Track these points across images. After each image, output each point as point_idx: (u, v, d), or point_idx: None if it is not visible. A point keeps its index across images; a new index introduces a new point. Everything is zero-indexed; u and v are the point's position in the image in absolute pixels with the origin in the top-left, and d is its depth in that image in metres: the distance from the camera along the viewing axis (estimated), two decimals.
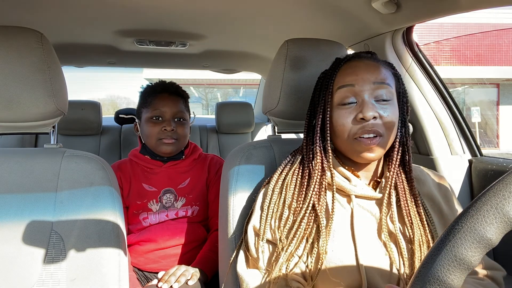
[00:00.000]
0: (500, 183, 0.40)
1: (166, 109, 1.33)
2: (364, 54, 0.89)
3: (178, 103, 1.36)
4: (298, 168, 0.88)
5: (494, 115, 11.80)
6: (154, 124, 1.32)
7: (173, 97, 1.36)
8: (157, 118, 1.33)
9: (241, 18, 1.41)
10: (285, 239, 0.80)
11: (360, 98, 0.81)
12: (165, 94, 1.35)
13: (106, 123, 2.57)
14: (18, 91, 0.90)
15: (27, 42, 0.91)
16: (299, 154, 0.90)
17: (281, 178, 0.88)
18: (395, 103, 0.83)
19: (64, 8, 1.29)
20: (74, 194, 0.95)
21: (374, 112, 0.78)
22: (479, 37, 10.47)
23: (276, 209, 0.85)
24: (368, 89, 0.81)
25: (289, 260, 0.80)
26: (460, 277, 0.39)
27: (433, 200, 0.90)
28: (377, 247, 0.81)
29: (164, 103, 1.33)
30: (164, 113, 1.33)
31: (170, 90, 1.37)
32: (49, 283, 0.89)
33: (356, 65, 0.84)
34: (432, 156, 1.45)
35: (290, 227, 0.82)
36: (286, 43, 1.11)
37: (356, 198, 0.84)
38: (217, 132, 2.63)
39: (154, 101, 1.33)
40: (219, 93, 13.73)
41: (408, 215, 0.82)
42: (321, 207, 0.81)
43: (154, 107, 1.32)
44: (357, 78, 0.82)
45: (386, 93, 0.81)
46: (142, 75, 11.63)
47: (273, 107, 1.13)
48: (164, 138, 1.31)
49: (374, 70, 0.82)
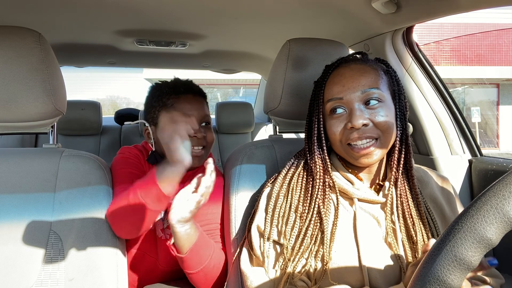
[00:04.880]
0: (500, 183, 0.39)
1: (193, 113, 1.11)
2: (352, 58, 0.89)
3: (204, 105, 1.17)
4: (302, 171, 0.88)
5: (494, 115, 11.80)
6: None
7: (198, 99, 1.16)
8: None
9: (241, 18, 1.41)
10: (292, 250, 0.81)
11: (349, 108, 0.82)
12: (190, 95, 1.14)
13: (106, 123, 2.57)
14: (16, 91, 0.90)
15: (25, 42, 0.91)
16: (302, 157, 0.91)
17: (286, 181, 0.88)
18: (388, 104, 0.83)
19: (64, 8, 1.29)
20: (72, 194, 0.95)
21: (363, 120, 0.79)
22: (479, 37, 10.47)
23: (282, 213, 0.85)
24: (356, 98, 0.81)
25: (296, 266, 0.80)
26: (460, 277, 0.39)
27: (436, 202, 0.89)
28: (379, 249, 0.81)
29: (190, 106, 1.12)
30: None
31: (195, 91, 1.17)
32: (48, 283, 0.89)
33: (343, 73, 0.84)
34: (432, 156, 1.45)
35: (297, 235, 0.82)
36: (288, 42, 1.11)
37: (358, 201, 0.84)
38: (217, 132, 2.63)
39: (177, 103, 1.12)
40: (219, 93, 13.72)
41: (410, 216, 0.82)
42: (326, 211, 0.82)
43: (178, 110, 1.10)
44: (344, 89, 0.82)
45: (377, 97, 0.81)
46: (142, 75, 11.63)
47: (274, 106, 1.13)
48: (193, 145, 1.08)
49: (360, 77, 0.82)
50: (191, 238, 0.95)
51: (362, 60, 0.87)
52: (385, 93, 0.83)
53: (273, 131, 1.25)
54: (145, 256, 1.12)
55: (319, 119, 0.87)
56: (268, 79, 1.18)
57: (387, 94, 0.84)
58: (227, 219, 1.03)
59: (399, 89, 0.86)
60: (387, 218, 0.83)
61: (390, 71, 0.88)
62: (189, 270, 0.98)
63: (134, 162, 1.12)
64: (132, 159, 1.12)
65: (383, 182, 0.87)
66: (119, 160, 1.11)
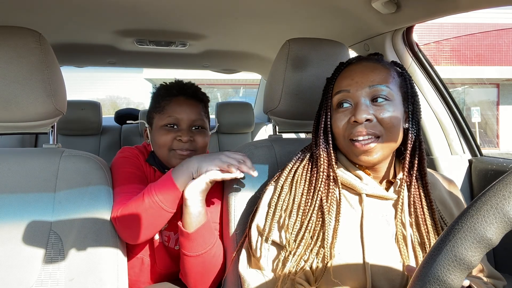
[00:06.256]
0: (500, 183, 0.39)
1: (182, 116, 1.11)
2: (366, 57, 0.89)
3: (196, 108, 1.15)
4: (307, 165, 0.88)
5: (494, 115, 11.80)
6: (167, 132, 1.11)
7: (191, 102, 1.15)
8: (172, 126, 1.12)
9: (241, 18, 1.41)
10: (294, 242, 0.80)
11: (355, 102, 0.81)
12: (182, 98, 1.14)
13: (106, 123, 2.57)
14: (17, 91, 0.90)
15: (25, 42, 0.91)
16: (308, 151, 0.91)
17: (291, 175, 0.88)
18: (397, 104, 0.82)
19: (64, 8, 1.29)
20: (72, 194, 0.95)
21: (367, 115, 0.78)
22: (479, 37, 10.47)
23: (285, 206, 0.84)
24: (364, 93, 0.81)
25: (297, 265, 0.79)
26: (460, 277, 0.39)
27: (445, 205, 0.89)
28: (385, 249, 0.79)
29: (180, 109, 1.12)
30: (180, 121, 1.12)
31: (188, 93, 1.15)
32: (48, 283, 0.89)
33: (354, 69, 0.85)
34: (432, 156, 1.45)
35: (298, 228, 0.81)
36: (288, 42, 1.11)
37: (367, 197, 0.83)
38: (217, 132, 2.63)
39: (168, 106, 1.12)
40: (219, 93, 13.72)
41: (424, 223, 0.80)
42: (329, 206, 0.81)
43: (168, 113, 1.11)
44: (352, 83, 0.82)
45: (385, 94, 0.80)
46: (142, 75, 11.65)
47: (274, 106, 1.13)
48: (179, 149, 1.11)
49: (370, 73, 0.82)
50: (201, 218, 0.96)
51: (376, 60, 0.87)
52: (395, 93, 0.82)
53: (273, 131, 1.25)
54: (143, 259, 1.12)
55: (326, 113, 0.87)
56: (268, 79, 1.18)
57: (398, 94, 0.83)
58: (226, 219, 1.03)
59: (413, 92, 0.85)
60: (397, 217, 0.81)
61: (404, 73, 0.87)
62: (189, 252, 0.98)
63: (135, 162, 1.12)
64: (133, 159, 1.13)
65: (393, 179, 0.86)
66: (120, 160, 1.11)
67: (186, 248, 0.98)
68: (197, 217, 0.95)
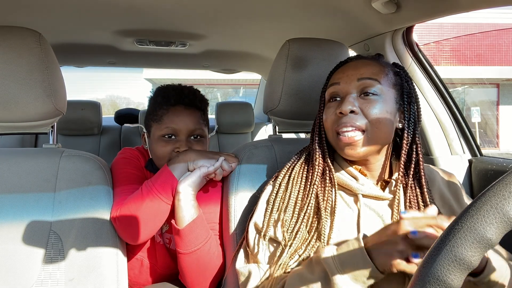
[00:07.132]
0: (500, 183, 0.39)
1: (180, 127, 1.08)
2: (365, 56, 0.90)
3: (195, 117, 1.11)
4: (304, 162, 0.89)
5: (494, 115, 11.79)
6: (165, 144, 1.08)
7: (189, 111, 1.11)
8: (170, 136, 1.09)
9: (241, 18, 1.41)
10: (290, 234, 0.80)
11: (343, 95, 0.83)
12: (180, 108, 1.10)
13: (106, 123, 2.57)
14: (16, 91, 0.90)
15: (25, 42, 0.91)
16: (306, 150, 0.92)
17: (288, 172, 0.89)
18: (387, 101, 0.81)
19: (64, 8, 1.29)
20: (72, 194, 0.95)
21: (352, 106, 0.79)
22: (479, 37, 10.47)
23: (282, 202, 0.85)
24: (353, 86, 0.82)
25: (292, 258, 0.79)
26: (460, 277, 0.39)
27: (444, 199, 0.89)
28: None
29: (178, 119, 1.09)
30: (178, 132, 1.09)
31: (185, 102, 1.11)
32: (48, 283, 0.89)
33: (349, 64, 0.86)
34: (432, 156, 1.45)
35: (295, 221, 0.82)
36: (288, 42, 1.11)
37: (363, 197, 0.83)
38: (217, 132, 2.63)
39: (165, 116, 1.09)
40: (219, 93, 13.72)
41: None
42: (326, 202, 0.81)
43: (165, 123, 1.08)
44: (343, 76, 0.84)
45: (375, 90, 0.80)
46: (142, 75, 11.64)
47: (274, 106, 1.13)
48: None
49: (361, 67, 0.83)
50: (193, 211, 0.98)
51: (373, 58, 0.87)
52: (386, 90, 0.82)
53: (273, 131, 1.25)
54: (142, 260, 1.12)
55: (320, 108, 0.89)
56: (268, 79, 1.18)
57: (390, 92, 0.82)
58: (226, 219, 1.03)
59: (409, 93, 0.85)
60: (393, 217, 0.81)
61: (401, 73, 0.87)
62: (182, 249, 0.98)
63: (135, 164, 1.13)
64: (133, 160, 1.13)
65: (389, 179, 0.86)
66: (120, 161, 1.12)
67: (179, 246, 0.99)
68: (188, 210, 0.97)
